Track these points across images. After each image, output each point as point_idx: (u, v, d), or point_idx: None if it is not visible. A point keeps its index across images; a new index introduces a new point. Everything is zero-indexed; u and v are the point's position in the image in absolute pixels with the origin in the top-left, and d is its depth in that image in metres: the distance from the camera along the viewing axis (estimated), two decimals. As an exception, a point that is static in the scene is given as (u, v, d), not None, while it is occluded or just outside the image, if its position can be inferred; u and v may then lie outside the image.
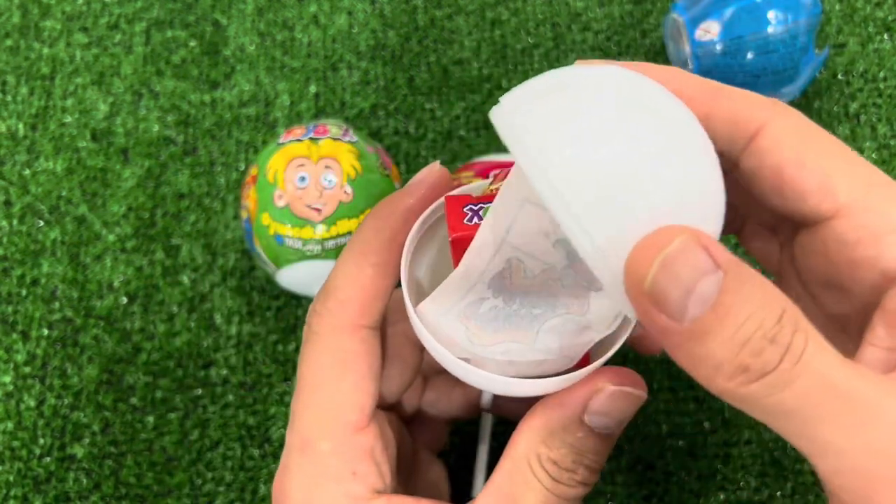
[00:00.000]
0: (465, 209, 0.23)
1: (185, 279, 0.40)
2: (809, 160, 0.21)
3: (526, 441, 0.23)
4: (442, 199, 0.25)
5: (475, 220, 0.23)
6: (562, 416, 0.23)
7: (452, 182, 0.25)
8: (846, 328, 0.23)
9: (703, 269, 0.17)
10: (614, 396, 0.23)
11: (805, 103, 0.42)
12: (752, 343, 0.17)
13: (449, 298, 0.23)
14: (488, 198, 0.23)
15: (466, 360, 0.23)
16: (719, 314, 0.17)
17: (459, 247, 0.23)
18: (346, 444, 0.23)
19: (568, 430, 0.23)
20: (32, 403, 0.38)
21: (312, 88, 0.44)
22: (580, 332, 0.23)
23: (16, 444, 0.37)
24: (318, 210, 0.34)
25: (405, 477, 0.28)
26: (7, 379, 0.38)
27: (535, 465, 0.23)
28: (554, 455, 0.23)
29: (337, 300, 0.24)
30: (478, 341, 0.23)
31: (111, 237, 0.41)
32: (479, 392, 0.32)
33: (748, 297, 0.17)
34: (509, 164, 0.34)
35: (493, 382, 0.23)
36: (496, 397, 0.31)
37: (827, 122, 0.42)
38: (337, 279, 0.25)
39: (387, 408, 0.28)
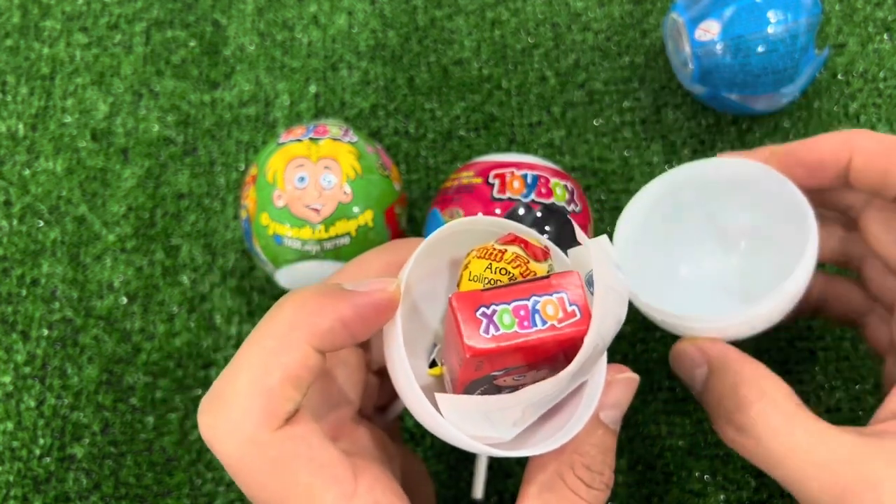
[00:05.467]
0: (477, 314, 0.21)
1: (185, 279, 0.40)
2: None
3: (555, 456, 0.23)
4: (443, 230, 0.23)
5: (492, 329, 0.21)
6: None
7: (397, 306, 0.23)
8: None
9: None
10: (621, 385, 0.25)
11: (805, 103, 0.42)
12: None
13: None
14: (502, 294, 0.21)
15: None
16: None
17: (475, 359, 0.21)
18: None
19: (590, 432, 0.24)
20: (32, 403, 0.38)
21: (312, 88, 0.44)
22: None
23: (16, 444, 0.37)
24: (317, 210, 0.34)
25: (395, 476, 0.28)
26: (7, 379, 0.38)
27: (570, 478, 0.23)
28: (586, 460, 0.23)
29: (240, 410, 0.21)
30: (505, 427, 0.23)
31: (111, 237, 0.41)
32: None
33: None
34: (508, 165, 0.34)
35: (517, 453, 0.23)
36: None
37: (827, 122, 0.42)
38: (238, 382, 0.21)
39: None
